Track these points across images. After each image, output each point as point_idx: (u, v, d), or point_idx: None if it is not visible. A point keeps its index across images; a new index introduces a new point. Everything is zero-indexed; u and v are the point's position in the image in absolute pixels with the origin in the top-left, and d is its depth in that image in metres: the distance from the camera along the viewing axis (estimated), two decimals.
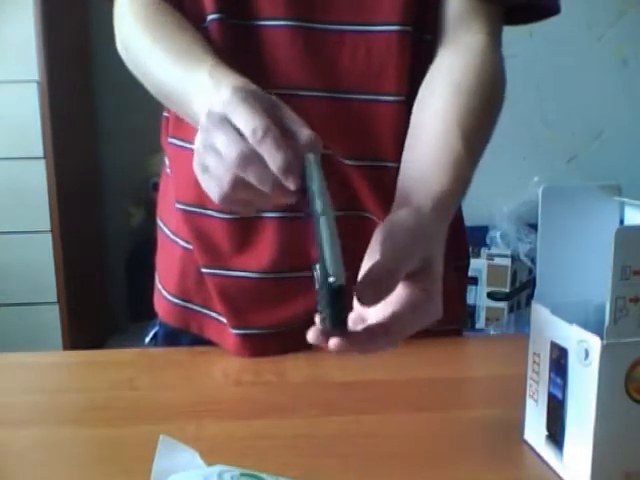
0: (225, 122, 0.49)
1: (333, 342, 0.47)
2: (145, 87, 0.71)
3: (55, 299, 2.21)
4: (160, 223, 0.86)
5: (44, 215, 2.15)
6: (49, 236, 2.17)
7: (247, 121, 0.47)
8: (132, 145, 2.54)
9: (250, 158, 0.47)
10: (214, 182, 0.50)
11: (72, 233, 2.27)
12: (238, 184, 0.49)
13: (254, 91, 0.51)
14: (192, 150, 0.77)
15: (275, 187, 0.47)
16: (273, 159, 0.46)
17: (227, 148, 0.48)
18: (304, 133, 0.48)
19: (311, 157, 0.47)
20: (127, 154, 2.57)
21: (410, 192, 0.57)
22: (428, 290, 0.51)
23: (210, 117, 0.50)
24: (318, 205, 0.46)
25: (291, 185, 0.46)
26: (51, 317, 2.21)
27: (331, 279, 0.45)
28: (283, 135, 0.47)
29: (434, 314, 0.51)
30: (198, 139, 0.51)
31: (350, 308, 0.49)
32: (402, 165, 0.63)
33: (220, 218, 0.75)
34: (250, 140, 0.47)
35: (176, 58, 0.65)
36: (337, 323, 0.47)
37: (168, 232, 0.84)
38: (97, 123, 2.58)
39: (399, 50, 0.71)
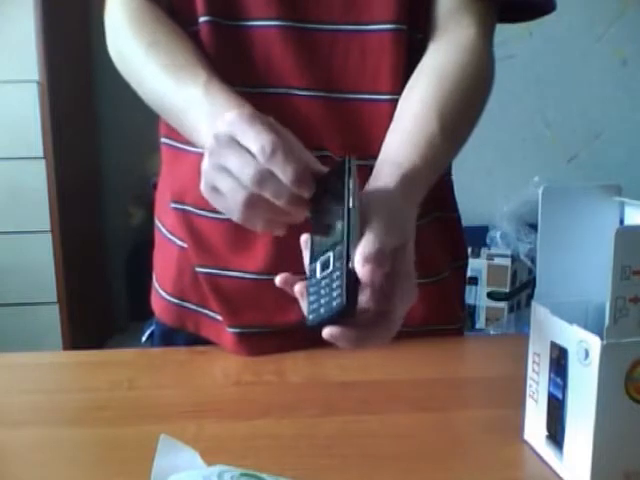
0: (234, 143, 0.51)
1: (327, 331, 0.46)
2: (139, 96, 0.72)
3: (55, 299, 2.21)
4: (157, 222, 0.87)
5: (44, 215, 2.15)
6: (49, 236, 2.17)
7: (255, 139, 0.50)
8: (132, 145, 2.54)
9: (264, 175, 0.50)
10: (228, 202, 0.53)
11: (72, 233, 2.27)
12: (253, 201, 0.51)
13: (255, 112, 0.54)
14: (184, 150, 0.78)
15: (290, 200, 0.51)
16: (284, 172, 0.49)
17: (241, 168, 0.51)
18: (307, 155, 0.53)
19: (353, 160, 0.51)
20: (127, 154, 2.57)
21: (381, 171, 0.57)
22: (407, 271, 0.51)
23: (217, 139, 0.52)
24: (351, 201, 0.49)
25: (305, 193, 0.50)
26: (51, 317, 2.21)
27: (352, 264, 0.46)
28: (290, 149, 0.51)
29: (413, 295, 0.51)
30: (205, 161, 0.53)
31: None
32: (388, 134, 0.64)
33: (214, 219, 0.75)
34: (259, 158, 0.50)
35: (171, 70, 0.66)
36: (349, 309, 0.46)
37: (165, 231, 0.84)
38: (97, 123, 2.59)
39: (393, 49, 0.71)
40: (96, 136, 2.58)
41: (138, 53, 0.70)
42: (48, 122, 2.10)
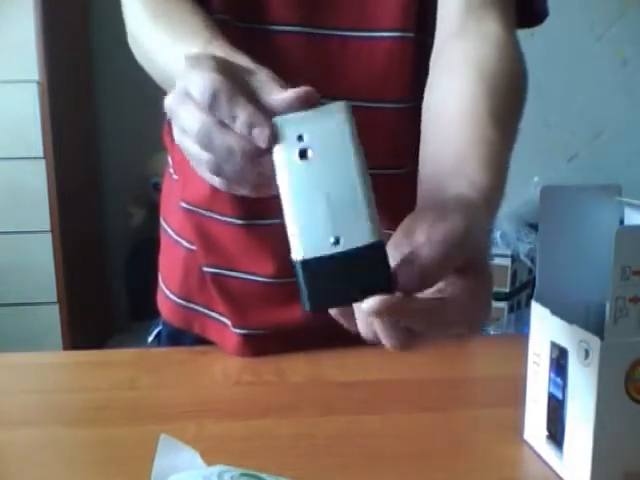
0: (184, 96, 0.42)
1: (370, 304, 0.37)
2: (153, 80, 0.66)
3: (55, 299, 2.21)
4: (163, 223, 0.87)
5: (44, 215, 2.15)
6: (49, 236, 2.17)
7: (196, 85, 0.40)
8: (132, 145, 2.54)
9: (208, 128, 0.40)
10: (200, 165, 0.43)
11: (72, 233, 2.27)
12: (218, 164, 0.42)
13: (212, 55, 0.44)
14: None
15: (247, 154, 0.40)
16: (230, 117, 0.39)
17: (188, 124, 0.41)
18: (278, 97, 0.41)
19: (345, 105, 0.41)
20: (127, 154, 2.57)
21: (447, 185, 0.46)
22: (474, 289, 0.41)
23: (173, 95, 0.43)
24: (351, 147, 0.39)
25: (262, 142, 0.39)
26: (51, 317, 2.21)
27: (371, 238, 0.37)
28: (241, 91, 0.41)
29: (481, 313, 0.42)
30: (173, 129, 0.45)
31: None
32: (425, 158, 0.53)
33: (226, 222, 0.75)
34: (202, 106, 0.40)
35: (176, 38, 0.59)
36: (383, 282, 0.37)
37: (171, 232, 0.84)
38: (97, 123, 2.58)
39: (402, 56, 0.71)
40: (96, 136, 2.58)
41: (145, 27, 0.64)
42: (48, 122, 2.10)
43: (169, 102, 0.43)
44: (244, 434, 0.60)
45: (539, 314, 0.56)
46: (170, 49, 0.58)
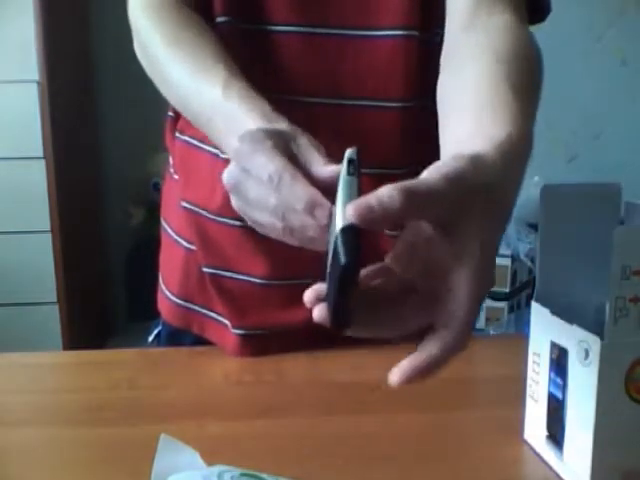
0: (246, 173, 0.47)
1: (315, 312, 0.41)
2: (154, 81, 0.69)
3: (55, 299, 2.21)
4: (164, 223, 0.87)
5: (44, 215, 2.15)
6: (49, 236, 2.17)
7: (261, 168, 0.46)
8: (132, 145, 2.54)
9: (282, 207, 0.46)
10: (277, 231, 0.48)
11: (72, 233, 2.27)
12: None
13: (264, 131, 0.49)
14: (203, 149, 0.77)
15: (310, 228, 0.45)
16: (294, 201, 0.44)
17: (265, 202, 0.46)
18: (316, 164, 0.47)
19: (347, 153, 0.44)
20: (127, 154, 2.57)
21: (464, 146, 0.44)
22: (472, 252, 0.39)
23: (231, 174, 0.48)
24: (344, 170, 0.43)
25: (320, 219, 0.43)
26: (51, 317, 2.21)
27: (342, 259, 0.36)
28: (300, 170, 0.46)
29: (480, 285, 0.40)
30: (232, 199, 0.50)
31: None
32: (445, 138, 0.52)
33: (225, 223, 0.75)
34: (269, 189, 0.46)
35: (191, 70, 0.63)
36: (341, 321, 0.40)
37: (171, 232, 0.84)
38: (97, 123, 2.59)
39: (404, 55, 0.71)
40: (96, 136, 2.58)
41: (159, 51, 0.66)
42: (48, 122, 2.10)
43: (229, 178, 0.49)
44: (244, 434, 0.60)
45: (539, 314, 0.56)
46: (189, 82, 0.63)
